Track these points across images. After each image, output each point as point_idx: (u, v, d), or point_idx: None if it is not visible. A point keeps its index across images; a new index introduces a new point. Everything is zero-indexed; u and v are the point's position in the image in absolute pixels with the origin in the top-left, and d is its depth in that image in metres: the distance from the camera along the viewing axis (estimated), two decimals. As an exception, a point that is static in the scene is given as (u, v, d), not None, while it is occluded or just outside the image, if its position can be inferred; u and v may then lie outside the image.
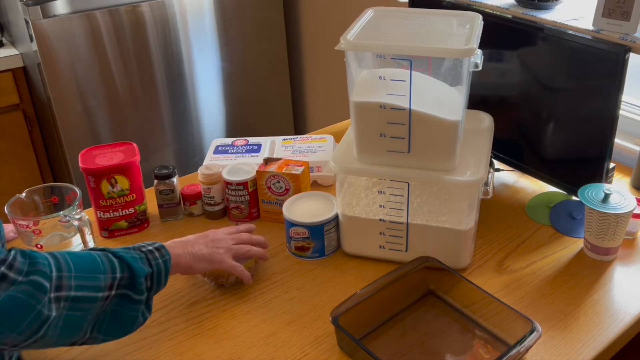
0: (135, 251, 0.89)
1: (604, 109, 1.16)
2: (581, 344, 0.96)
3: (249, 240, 1.10)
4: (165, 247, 0.94)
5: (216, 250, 1.03)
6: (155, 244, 0.93)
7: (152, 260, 0.90)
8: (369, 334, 0.99)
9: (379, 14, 1.16)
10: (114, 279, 0.83)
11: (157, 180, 1.27)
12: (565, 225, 1.23)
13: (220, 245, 1.04)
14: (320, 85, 2.54)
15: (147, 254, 0.90)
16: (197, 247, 1.01)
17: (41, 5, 1.89)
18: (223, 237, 1.06)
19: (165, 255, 0.92)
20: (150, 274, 0.88)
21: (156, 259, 0.90)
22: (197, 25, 2.23)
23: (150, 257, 0.90)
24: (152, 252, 0.91)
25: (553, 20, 1.21)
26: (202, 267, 1.01)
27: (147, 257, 0.89)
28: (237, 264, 1.05)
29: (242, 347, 0.98)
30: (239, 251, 1.06)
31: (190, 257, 0.99)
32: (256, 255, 1.09)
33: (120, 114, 2.16)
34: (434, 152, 1.06)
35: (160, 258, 0.91)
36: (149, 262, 0.89)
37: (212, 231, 1.07)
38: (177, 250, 0.97)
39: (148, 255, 0.90)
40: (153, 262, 0.89)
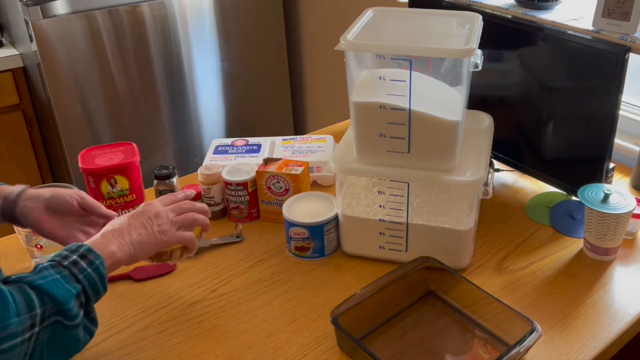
0: (57, 269, 0.76)
1: (603, 109, 1.16)
2: (581, 344, 0.96)
3: (191, 208, 0.97)
4: (92, 250, 0.81)
5: (158, 227, 0.90)
6: (81, 249, 0.80)
7: (79, 274, 0.77)
8: (369, 334, 0.99)
9: (378, 14, 1.16)
10: (34, 317, 0.72)
11: (157, 181, 1.27)
12: (565, 226, 1.23)
13: (162, 221, 0.91)
14: (320, 85, 2.54)
15: (70, 268, 0.77)
16: (135, 231, 0.88)
17: (41, 5, 1.89)
18: (161, 210, 0.93)
19: (94, 261, 0.79)
20: (81, 291, 0.77)
21: (84, 270, 0.78)
22: (197, 25, 2.23)
23: (75, 270, 0.77)
24: (76, 263, 0.78)
25: (553, 20, 1.21)
26: (148, 251, 0.90)
27: (72, 271, 0.77)
28: (185, 232, 0.94)
29: (242, 347, 0.98)
30: (184, 221, 0.94)
31: (130, 247, 0.86)
32: (202, 223, 0.98)
33: (120, 114, 2.16)
34: (434, 152, 1.06)
35: (90, 266, 0.79)
36: (75, 277, 0.77)
37: (147, 205, 0.94)
38: (112, 246, 0.84)
39: (72, 270, 0.77)
40: (80, 276, 0.77)
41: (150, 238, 0.89)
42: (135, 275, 1.13)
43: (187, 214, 0.96)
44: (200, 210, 0.98)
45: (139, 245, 0.88)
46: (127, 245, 0.86)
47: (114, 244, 0.85)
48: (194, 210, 0.97)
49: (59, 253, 0.80)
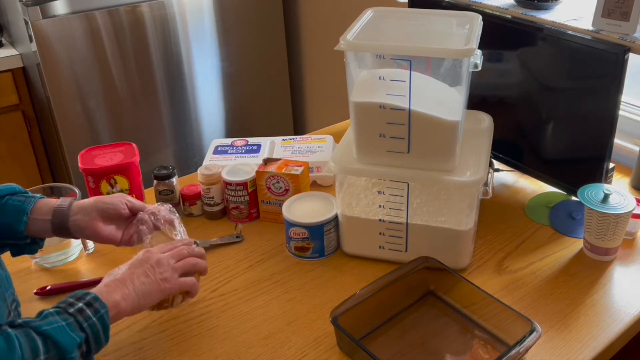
0: (62, 316, 0.77)
1: (603, 109, 1.16)
2: (581, 344, 0.96)
3: (190, 254, 0.97)
4: (99, 298, 0.81)
5: (161, 275, 0.90)
6: (87, 297, 0.81)
7: (84, 322, 0.78)
8: (369, 334, 0.99)
9: (378, 14, 1.16)
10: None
11: (157, 181, 1.27)
12: (565, 226, 1.23)
13: (163, 269, 0.91)
14: (319, 85, 2.54)
15: (76, 316, 0.78)
16: (138, 280, 0.88)
17: (40, 5, 1.89)
18: (162, 257, 0.93)
19: (99, 309, 0.80)
20: (84, 340, 0.77)
21: (89, 318, 0.78)
22: (197, 25, 2.23)
23: (80, 318, 0.78)
24: (82, 311, 0.78)
25: (552, 20, 1.21)
26: (151, 300, 0.90)
27: (77, 319, 0.77)
28: (187, 278, 0.94)
29: (242, 347, 0.98)
30: (184, 267, 0.94)
31: (134, 297, 0.86)
32: (201, 269, 0.98)
33: (119, 115, 2.16)
34: (434, 152, 1.06)
35: (95, 315, 0.79)
36: (79, 325, 0.77)
37: (147, 252, 0.93)
38: (116, 295, 0.84)
39: (78, 317, 0.78)
40: (85, 324, 0.77)
41: (153, 287, 0.89)
42: (135, 275, 1.12)
43: (187, 259, 0.96)
44: (198, 254, 0.99)
45: (143, 295, 0.88)
46: (131, 295, 0.86)
47: (117, 293, 0.85)
48: (192, 255, 0.97)
49: (64, 300, 0.81)
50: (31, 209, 0.96)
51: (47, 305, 1.06)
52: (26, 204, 0.96)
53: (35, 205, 0.97)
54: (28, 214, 0.95)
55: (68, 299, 0.81)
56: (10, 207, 0.95)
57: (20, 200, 0.97)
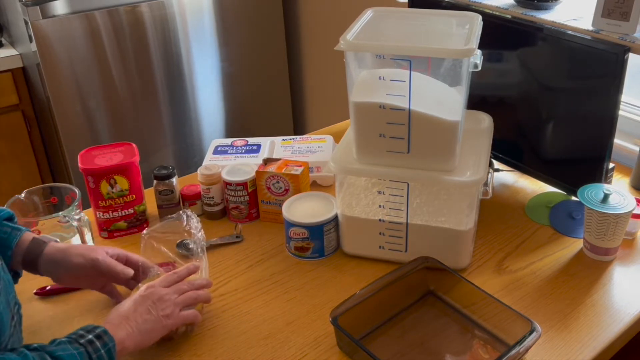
0: (74, 345, 0.80)
1: (603, 109, 1.16)
2: (581, 344, 0.96)
3: (190, 287, 0.98)
4: (108, 332, 0.83)
5: (163, 312, 0.92)
6: (97, 330, 0.83)
7: (94, 353, 0.80)
8: (369, 334, 0.99)
9: (378, 14, 1.16)
10: None
11: (157, 181, 1.27)
12: (565, 226, 1.23)
13: (165, 305, 0.93)
14: (319, 85, 2.54)
15: (86, 347, 0.80)
16: (141, 318, 0.89)
17: (40, 5, 1.89)
18: (165, 293, 0.94)
19: (108, 343, 0.82)
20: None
21: (98, 350, 0.81)
22: (197, 25, 2.23)
23: (90, 349, 0.80)
24: (92, 342, 0.81)
25: (552, 20, 1.21)
26: (154, 337, 0.91)
27: (87, 350, 0.80)
28: (188, 311, 0.96)
29: (242, 347, 0.98)
30: (186, 302, 0.96)
31: (138, 335, 0.88)
32: (204, 300, 1.00)
33: (119, 115, 2.16)
34: (434, 152, 1.06)
35: (103, 348, 0.81)
36: (89, 356, 0.80)
37: (149, 288, 0.94)
38: (121, 332, 0.86)
39: (88, 348, 0.80)
40: (95, 356, 0.80)
41: (155, 324, 0.91)
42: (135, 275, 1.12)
43: (188, 294, 0.97)
44: (200, 286, 1.00)
45: (146, 332, 0.89)
46: (134, 333, 0.88)
47: (122, 330, 0.87)
48: (194, 288, 0.98)
49: (74, 332, 0.83)
50: (16, 243, 0.95)
51: (47, 305, 1.07)
52: (11, 237, 0.95)
53: (20, 240, 0.96)
54: (13, 248, 0.95)
55: (78, 331, 0.83)
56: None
57: (5, 232, 0.96)
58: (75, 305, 1.07)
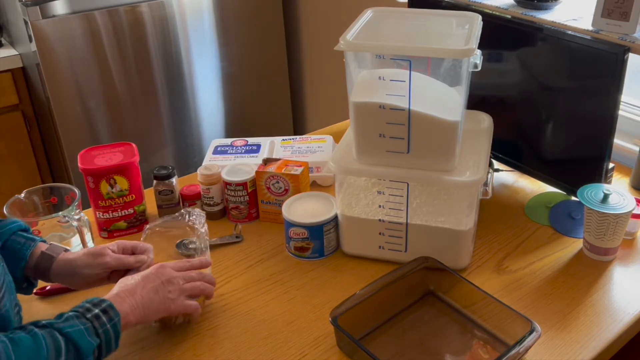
0: (81, 320, 0.80)
1: (603, 109, 1.16)
2: (580, 344, 0.96)
3: (199, 277, 0.99)
4: (114, 307, 0.84)
5: (168, 294, 0.93)
6: (103, 304, 0.84)
7: (100, 328, 0.81)
8: (369, 335, 0.99)
9: (378, 14, 1.16)
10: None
11: (157, 181, 1.27)
12: (565, 226, 1.23)
13: (173, 288, 0.94)
14: (319, 85, 2.54)
15: (93, 322, 0.81)
16: (147, 295, 0.91)
17: (40, 5, 1.89)
18: (174, 276, 0.95)
19: (113, 317, 0.83)
20: (98, 345, 0.81)
21: (104, 325, 0.82)
22: (197, 25, 2.23)
23: (97, 324, 0.81)
24: (98, 317, 0.82)
25: (552, 20, 1.22)
26: (156, 315, 0.93)
27: (94, 325, 0.81)
28: (191, 302, 0.97)
29: (242, 347, 0.98)
30: (192, 291, 0.97)
31: (142, 310, 0.89)
32: (208, 294, 1.01)
33: (119, 115, 2.16)
34: (434, 152, 1.06)
35: (109, 322, 0.82)
36: (95, 331, 0.81)
37: (161, 267, 0.96)
38: (125, 305, 0.87)
39: (95, 323, 0.81)
40: (101, 330, 0.81)
41: (160, 305, 0.92)
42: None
43: (196, 283, 0.98)
44: (208, 280, 1.01)
45: (149, 310, 0.90)
46: (138, 308, 0.89)
47: (126, 303, 0.88)
48: (202, 281, 0.99)
49: (81, 305, 0.83)
50: (30, 254, 0.96)
51: (47, 305, 1.07)
52: (25, 248, 0.96)
53: (34, 251, 0.97)
54: (26, 260, 0.96)
55: (85, 304, 0.83)
56: (9, 250, 0.95)
57: (19, 243, 0.96)
58: (75, 305, 1.07)
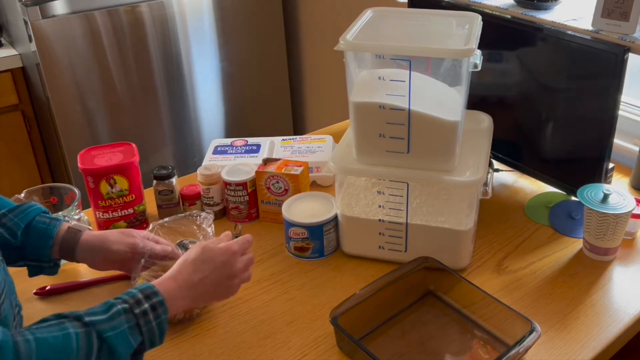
0: (128, 315, 0.77)
1: (603, 109, 1.16)
2: (580, 344, 0.96)
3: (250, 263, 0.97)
4: (164, 304, 0.80)
5: (227, 290, 0.92)
6: (154, 299, 0.80)
7: (144, 326, 0.77)
8: (369, 335, 0.99)
9: (378, 14, 1.16)
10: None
11: (156, 181, 1.27)
12: (565, 226, 1.23)
13: (233, 283, 0.92)
14: (319, 85, 2.54)
15: (139, 319, 0.77)
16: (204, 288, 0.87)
17: (40, 5, 1.89)
18: (238, 270, 0.92)
19: (161, 315, 0.79)
20: (139, 343, 0.77)
21: (149, 322, 0.78)
22: (196, 25, 2.23)
23: (142, 321, 0.77)
24: (146, 314, 0.78)
25: (552, 20, 1.22)
26: (205, 303, 0.97)
27: (139, 322, 0.77)
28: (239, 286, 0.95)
29: (242, 347, 0.97)
30: (247, 280, 0.95)
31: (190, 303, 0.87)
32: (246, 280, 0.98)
33: (119, 115, 2.16)
34: (434, 152, 1.06)
35: (155, 320, 0.79)
36: (139, 329, 0.77)
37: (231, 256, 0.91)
38: (179, 303, 0.84)
39: (140, 320, 0.77)
40: (144, 328, 0.77)
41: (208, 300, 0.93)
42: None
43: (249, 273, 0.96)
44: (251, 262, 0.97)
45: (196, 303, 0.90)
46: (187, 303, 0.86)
47: (181, 302, 0.85)
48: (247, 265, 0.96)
49: (133, 293, 0.80)
50: (56, 233, 0.97)
51: (47, 305, 1.07)
52: (51, 227, 0.97)
53: (60, 229, 0.98)
54: (53, 238, 0.97)
55: (137, 294, 0.79)
56: (35, 230, 0.96)
57: (45, 223, 0.97)
58: (75, 306, 1.07)
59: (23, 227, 0.95)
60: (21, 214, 0.95)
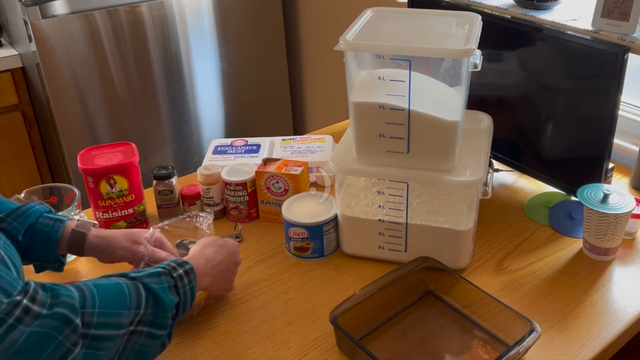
0: (167, 277, 0.84)
1: (603, 109, 1.16)
2: (580, 344, 0.96)
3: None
4: (194, 271, 0.89)
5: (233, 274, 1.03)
6: (186, 265, 0.88)
7: (181, 288, 0.85)
8: (368, 335, 0.99)
9: (378, 14, 1.16)
10: (137, 315, 0.78)
11: (156, 181, 1.27)
12: (565, 226, 1.23)
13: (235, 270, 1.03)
14: (319, 85, 2.54)
15: (177, 281, 0.85)
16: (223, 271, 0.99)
17: (40, 5, 1.89)
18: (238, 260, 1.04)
19: (192, 281, 0.87)
20: (177, 304, 0.84)
21: (184, 285, 0.86)
22: (196, 25, 2.23)
23: (179, 284, 0.85)
24: (182, 277, 0.86)
25: (552, 20, 1.21)
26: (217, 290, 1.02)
27: (177, 284, 0.85)
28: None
29: (242, 347, 0.98)
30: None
31: (210, 281, 0.96)
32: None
33: (119, 115, 2.16)
34: (433, 152, 1.06)
35: (189, 284, 0.86)
36: (177, 290, 0.84)
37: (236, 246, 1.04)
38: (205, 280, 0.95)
39: (178, 283, 0.85)
40: (181, 290, 0.85)
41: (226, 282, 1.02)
42: (135, 275, 1.13)
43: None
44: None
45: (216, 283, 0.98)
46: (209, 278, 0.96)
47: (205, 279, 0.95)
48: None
49: (167, 263, 0.87)
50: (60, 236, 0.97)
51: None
52: (55, 230, 0.97)
53: (64, 231, 0.98)
54: (58, 240, 0.97)
55: (170, 262, 0.88)
56: (39, 233, 0.96)
57: (48, 225, 0.97)
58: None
59: (23, 231, 0.94)
60: (19, 217, 0.95)
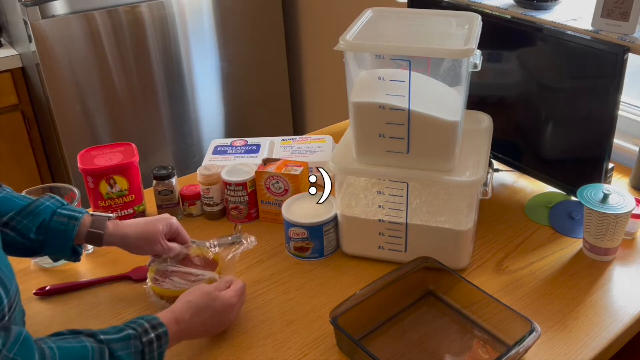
0: (136, 342, 0.82)
1: (603, 109, 1.16)
2: (580, 344, 0.96)
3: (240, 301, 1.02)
4: (167, 335, 0.86)
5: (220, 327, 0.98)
6: (159, 329, 0.85)
7: (148, 354, 0.83)
8: (368, 335, 0.99)
9: (378, 14, 1.16)
10: None
11: (156, 181, 1.27)
12: (564, 226, 1.23)
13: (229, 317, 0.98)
14: (319, 85, 2.54)
15: (145, 347, 0.82)
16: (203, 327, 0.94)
17: (40, 5, 1.89)
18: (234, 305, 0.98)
19: (163, 345, 0.85)
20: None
21: (152, 351, 0.83)
22: (196, 25, 2.23)
23: (147, 350, 0.83)
24: (151, 343, 0.83)
25: (552, 20, 1.21)
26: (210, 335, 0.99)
27: (144, 350, 0.82)
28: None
29: (241, 347, 0.97)
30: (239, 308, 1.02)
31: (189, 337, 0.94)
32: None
33: (119, 115, 2.16)
34: (433, 152, 1.06)
35: (158, 349, 0.84)
36: (142, 356, 0.82)
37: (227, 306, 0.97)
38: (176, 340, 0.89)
39: (145, 349, 0.82)
40: (148, 356, 0.83)
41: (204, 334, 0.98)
42: (135, 275, 1.13)
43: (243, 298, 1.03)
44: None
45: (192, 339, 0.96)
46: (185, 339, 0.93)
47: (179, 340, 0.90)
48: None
49: (140, 322, 0.85)
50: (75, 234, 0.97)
51: (47, 305, 1.07)
52: (70, 229, 0.97)
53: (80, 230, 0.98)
54: (73, 239, 0.97)
55: (144, 323, 0.85)
56: (53, 231, 0.96)
57: (63, 223, 0.97)
58: (75, 305, 1.07)
59: (35, 229, 0.94)
60: (29, 215, 0.95)
